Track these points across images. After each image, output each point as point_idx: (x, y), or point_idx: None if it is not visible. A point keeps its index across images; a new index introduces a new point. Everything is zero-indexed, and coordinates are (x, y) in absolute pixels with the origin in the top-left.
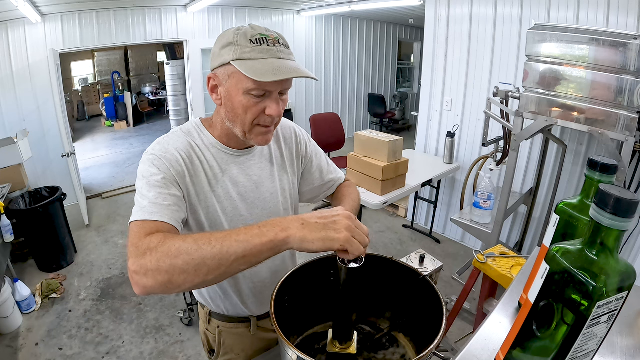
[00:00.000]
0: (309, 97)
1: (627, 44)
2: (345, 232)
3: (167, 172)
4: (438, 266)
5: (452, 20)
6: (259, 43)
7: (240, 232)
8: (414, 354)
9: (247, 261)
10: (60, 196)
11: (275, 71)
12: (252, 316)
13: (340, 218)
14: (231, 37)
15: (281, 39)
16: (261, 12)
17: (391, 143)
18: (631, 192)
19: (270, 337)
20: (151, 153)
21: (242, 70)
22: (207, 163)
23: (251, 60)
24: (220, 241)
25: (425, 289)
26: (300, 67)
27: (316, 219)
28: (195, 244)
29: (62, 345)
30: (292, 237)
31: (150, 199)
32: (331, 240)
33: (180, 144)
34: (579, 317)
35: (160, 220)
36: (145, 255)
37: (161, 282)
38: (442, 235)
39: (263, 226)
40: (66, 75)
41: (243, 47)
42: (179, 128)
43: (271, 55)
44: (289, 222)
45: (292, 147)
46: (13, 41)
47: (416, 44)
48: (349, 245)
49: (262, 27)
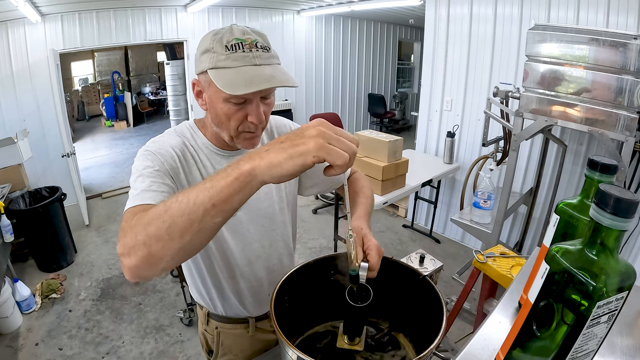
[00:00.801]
0: (309, 97)
1: (627, 44)
2: (316, 139)
3: (162, 165)
4: (438, 266)
5: (452, 20)
6: (234, 49)
7: (207, 179)
8: (414, 354)
9: (219, 210)
10: (60, 196)
11: (247, 82)
12: (250, 317)
13: (309, 127)
14: (208, 42)
15: (260, 42)
16: (261, 12)
17: (391, 143)
18: (631, 192)
19: (268, 338)
20: (145, 149)
21: (215, 81)
22: (201, 162)
23: (225, 69)
24: (186, 195)
25: (425, 289)
26: (276, 75)
27: (283, 139)
28: (164, 205)
29: (62, 345)
30: (258, 167)
31: (142, 188)
32: (300, 155)
33: (175, 142)
34: (579, 317)
35: (150, 203)
36: (126, 234)
37: (142, 256)
38: (442, 235)
39: (229, 165)
40: (66, 75)
41: (218, 54)
42: (173, 129)
43: (246, 63)
44: (255, 153)
45: None
46: (13, 41)
47: (416, 44)
48: (325, 153)
49: (242, 29)
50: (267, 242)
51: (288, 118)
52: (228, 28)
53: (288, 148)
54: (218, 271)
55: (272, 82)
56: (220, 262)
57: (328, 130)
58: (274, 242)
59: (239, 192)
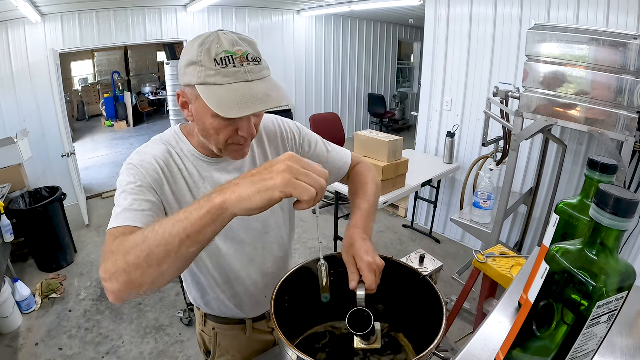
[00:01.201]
0: (309, 97)
1: (627, 44)
2: (283, 175)
3: (144, 179)
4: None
5: (452, 20)
6: (224, 64)
7: (181, 211)
8: (414, 354)
9: (194, 240)
10: (60, 196)
11: (241, 104)
12: (247, 318)
13: (279, 161)
14: (195, 53)
15: (251, 53)
16: (261, 12)
17: (391, 143)
18: (631, 192)
19: (266, 338)
20: (128, 162)
21: (206, 100)
22: (187, 171)
23: (215, 85)
24: (163, 226)
25: (425, 289)
26: (271, 93)
27: (254, 172)
28: (142, 235)
29: (62, 345)
30: (229, 200)
31: (123, 207)
32: (267, 190)
33: (159, 152)
34: (579, 317)
35: (132, 225)
36: (107, 260)
37: (123, 282)
38: (442, 235)
39: (202, 198)
40: (66, 75)
41: (207, 69)
42: (159, 136)
43: (237, 79)
44: (226, 186)
45: (277, 144)
46: (13, 41)
47: (416, 44)
48: (292, 188)
49: (231, 39)
50: (260, 245)
51: (288, 118)
52: (215, 37)
53: (257, 182)
54: (213, 276)
55: (267, 103)
56: (214, 267)
57: (296, 165)
58: (267, 245)
59: (211, 225)
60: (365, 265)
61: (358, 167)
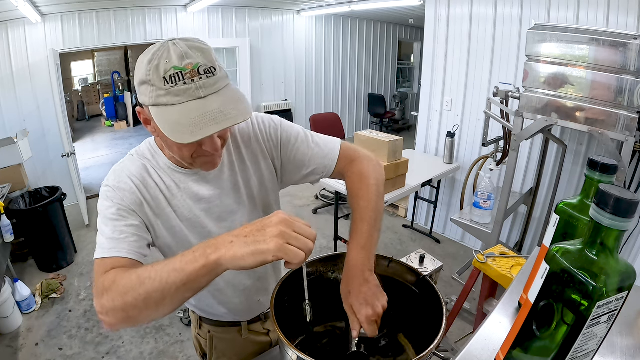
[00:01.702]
0: (309, 97)
1: (627, 44)
2: (276, 240)
3: (121, 202)
4: (438, 266)
5: (452, 20)
6: (174, 82)
7: (177, 260)
8: (414, 354)
9: (190, 288)
10: (60, 196)
11: (193, 126)
12: (242, 321)
13: (271, 224)
14: (144, 71)
15: (202, 64)
16: (261, 12)
17: (391, 143)
18: (631, 192)
19: (262, 340)
20: (105, 185)
21: (158, 124)
22: (164, 184)
23: (167, 107)
24: (159, 273)
25: (425, 289)
26: (226, 110)
27: (247, 232)
28: (138, 280)
29: (62, 345)
30: (223, 258)
31: (107, 235)
32: (261, 253)
33: (134, 169)
34: (579, 317)
35: (117, 256)
36: (103, 296)
37: (120, 318)
38: (442, 235)
39: (196, 250)
40: (66, 75)
41: (157, 88)
42: (135, 150)
43: (189, 97)
44: (220, 241)
45: (254, 148)
46: (13, 41)
47: (416, 44)
48: (284, 254)
49: (180, 51)
50: None
51: (288, 118)
52: (164, 50)
53: (251, 244)
54: None
55: (222, 123)
56: None
57: (288, 230)
58: None
59: (206, 276)
60: (364, 319)
61: (354, 167)
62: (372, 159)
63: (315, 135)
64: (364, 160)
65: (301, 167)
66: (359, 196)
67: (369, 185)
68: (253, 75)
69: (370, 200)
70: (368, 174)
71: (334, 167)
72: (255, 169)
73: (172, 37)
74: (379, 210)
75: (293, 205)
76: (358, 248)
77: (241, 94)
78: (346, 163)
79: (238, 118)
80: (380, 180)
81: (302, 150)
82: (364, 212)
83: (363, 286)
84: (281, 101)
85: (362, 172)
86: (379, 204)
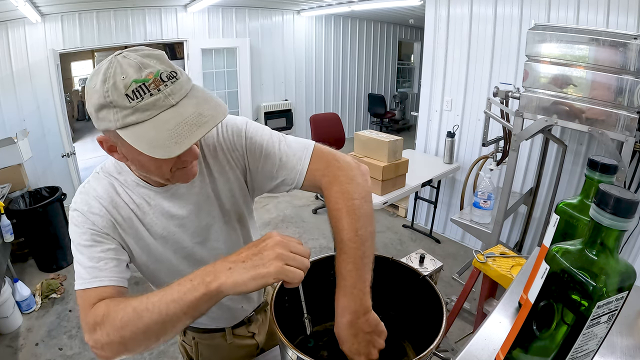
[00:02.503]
0: (309, 97)
1: (627, 44)
2: (276, 263)
3: (93, 227)
4: (438, 266)
5: (452, 20)
6: (139, 96)
7: (174, 290)
8: (414, 354)
9: (190, 316)
10: (60, 196)
11: (175, 136)
12: (226, 327)
13: (267, 247)
14: (101, 93)
15: (163, 71)
16: (261, 12)
17: (391, 143)
18: (631, 192)
19: (248, 343)
20: (74, 209)
21: (134, 145)
22: (134, 202)
23: (138, 125)
24: (157, 305)
25: (425, 289)
26: (203, 111)
27: (244, 257)
28: (135, 313)
29: (62, 345)
30: (224, 285)
31: (85, 264)
32: (262, 277)
33: (101, 190)
34: (579, 317)
35: (99, 285)
36: (95, 330)
37: (118, 351)
38: (442, 235)
39: (194, 279)
40: (66, 75)
41: (122, 109)
42: (100, 168)
43: (160, 108)
44: (218, 269)
45: (220, 157)
46: (13, 41)
47: (416, 44)
48: (284, 275)
49: (135, 63)
50: None
51: (288, 118)
52: (116, 65)
53: (250, 269)
54: None
55: (204, 126)
56: None
57: (285, 252)
58: None
59: (208, 302)
60: None
61: (331, 186)
62: (352, 168)
63: (284, 142)
64: (341, 176)
65: (270, 177)
66: (338, 227)
67: (350, 210)
68: (253, 75)
69: (352, 230)
70: (347, 195)
71: (302, 181)
72: (224, 180)
73: (117, 52)
74: (365, 236)
75: (293, 205)
76: (346, 294)
77: (207, 91)
78: (319, 176)
79: (218, 117)
80: (364, 196)
81: (270, 159)
82: (346, 247)
83: (357, 336)
84: (281, 101)
85: (341, 193)
86: (365, 226)
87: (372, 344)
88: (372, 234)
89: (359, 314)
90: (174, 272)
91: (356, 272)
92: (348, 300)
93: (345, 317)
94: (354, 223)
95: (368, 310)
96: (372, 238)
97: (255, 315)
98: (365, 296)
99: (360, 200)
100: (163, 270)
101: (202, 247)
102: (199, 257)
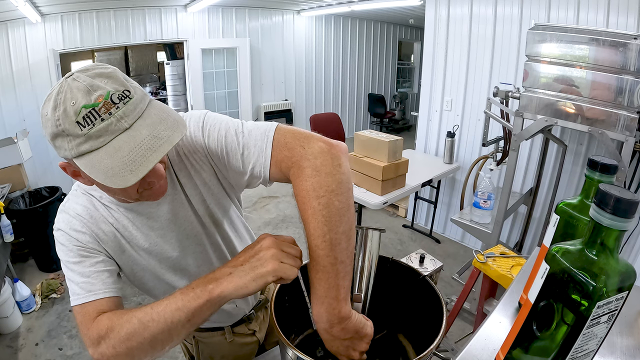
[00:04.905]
0: (309, 97)
1: (627, 44)
2: (272, 262)
3: (78, 243)
4: (438, 266)
5: (452, 20)
6: (89, 123)
7: (177, 299)
8: (414, 354)
9: (195, 322)
10: (60, 196)
11: (132, 164)
12: (224, 325)
13: (262, 249)
14: (53, 122)
15: (114, 92)
16: (261, 12)
17: (391, 143)
18: (631, 192)
19: (249, 340)
20: (57, 229)
21: (90, 174)
22: (113, 217)
23: (92, 153)
24: (162, 315)
25: (425, 289)
26: (159, 134)
27: (242, 261)
28: (141, 324)
29: (62, 345)
30: (226, 290)
31: (77, 281)
32: (262, 277)
33: (80, 208)
34: (579, 317)
35: (95, 299)
36: (100, 344)
37: None
38: (442, 235)
39: (196, 287)
40: None
41: (74, 137)
42: (77, 185)
43: (113, 133)
44: (219, 275)
45: (184, 163)
46: (13, 41)
47: (416, 44)
48: (281, 273)
49: (84, 86)
50: (206, 268)
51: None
52: (66, 90)
53: (250, 271)
54: None
55: (159, 149)
56: None
57: (279, 251)
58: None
59: (212, 308)
60: None
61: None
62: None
63: (243, 132)
64: (306, 168)
65: (240, 173)
66: (306, 232)
67: (315, 212)
68: (253, 75)
69: (318, 235)
70: (312, 193)
71: (268, 175)
72: (191, 185)
73: (69, 73)
74: (336, 239)
75: (293, 205)
76: (317, 303)
77: (165, 106)
78: (284, 168)
79: (175, 137)
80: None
81: (233, 155)
82: (314, 254)
83: (334, 341)
84: (281, 101)
85: (305, 191)
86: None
87: (352, 348)
88: (346, 232)
89: (332, 323)
90: (161, 281)
91: (326, 281)
92: (320, 310)
93: (319, 324)
94: (320, 227)
95: (344, 319)
96: (346, 238)
97: (255, 312)
98: (340, 304)
99: (329, 196)
100: (150, 279)
101: (186, 254)
102: (184, 265)
